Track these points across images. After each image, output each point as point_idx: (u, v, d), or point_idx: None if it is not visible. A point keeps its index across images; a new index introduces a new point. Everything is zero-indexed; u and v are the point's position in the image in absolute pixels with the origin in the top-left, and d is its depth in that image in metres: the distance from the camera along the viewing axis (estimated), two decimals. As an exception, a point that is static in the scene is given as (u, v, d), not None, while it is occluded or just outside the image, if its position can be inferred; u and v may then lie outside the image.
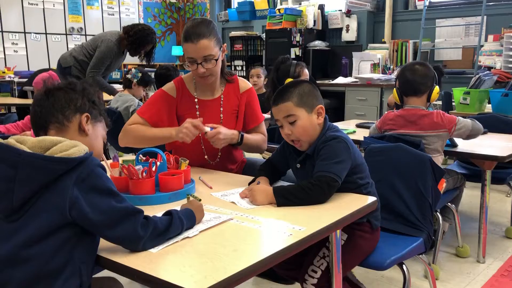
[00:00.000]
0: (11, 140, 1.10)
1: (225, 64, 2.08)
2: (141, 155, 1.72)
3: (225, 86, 2.07)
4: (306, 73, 2.98)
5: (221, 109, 2.04)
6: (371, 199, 1.52)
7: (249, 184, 1.67)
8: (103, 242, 1.14)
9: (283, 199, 1.46)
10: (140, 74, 3.83)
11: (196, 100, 2.03)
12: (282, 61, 3.00)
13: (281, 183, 1.74)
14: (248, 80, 3.00)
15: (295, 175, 1.77)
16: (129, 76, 3.82)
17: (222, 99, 2.05)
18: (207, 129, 1.83)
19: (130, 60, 4.79)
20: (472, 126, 2.24)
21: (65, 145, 1.11)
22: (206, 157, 2.04)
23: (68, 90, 1.28)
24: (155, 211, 1.29)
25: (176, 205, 1.35)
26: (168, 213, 1.21)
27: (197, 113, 2.02)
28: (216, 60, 1.90)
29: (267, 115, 3.00)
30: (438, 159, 2.19)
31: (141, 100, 3.89)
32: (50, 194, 1.06)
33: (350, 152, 1.56)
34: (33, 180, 1.05)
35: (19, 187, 1.05)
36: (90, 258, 1.11)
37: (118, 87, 4.44)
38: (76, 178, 1.06)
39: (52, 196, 1.06)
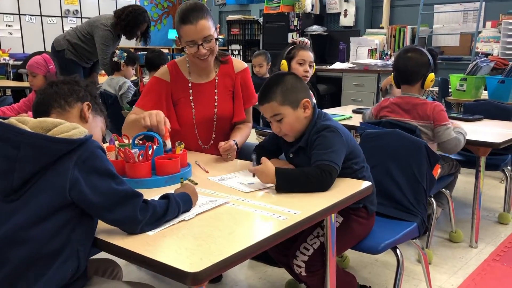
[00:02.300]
0: (13, 120, 1.10)
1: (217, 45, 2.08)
2: (137, 139, 1.72)
3: (219, 67, 2.07)
4: (301, 55, 2.56)
5: (216, 91, 2.04)
6: (366, 183, 1.53)
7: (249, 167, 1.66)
8: (100, 225, 1.15)
9: (284, 182, 1.46)
10: (125, 54, 3.82)
11: (190, 84, 2.03)
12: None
13: None
14: (252, 69, 2.94)
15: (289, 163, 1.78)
16: (115, 58, 3.80)
17: (216, 81, 2.05)
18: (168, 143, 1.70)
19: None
20: (449, 141, 2.14)
21: (66, 127, 1.11)
22: (200, 142, 2.04)
23: (72, 83, 1.33)
24: (152, 194, 1.30)
25: (173, 189, 1.36)
26: (165, 197, 1.22)
27: (191, 97, 2.02)
28: (216, 39, 1.92)
29: None
30: (434, 146, 2.20)
31: (136, 83, 3.88)
32: (50, 175, 1.06)
33: (343, 140, 1.57)
34: (34, 160, 1.05)
35: (20, 167, 1.05)
36: (88, 240, 1.12)
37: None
38: (77, 159, 1.07)
39: (52, 176, 1.06)
